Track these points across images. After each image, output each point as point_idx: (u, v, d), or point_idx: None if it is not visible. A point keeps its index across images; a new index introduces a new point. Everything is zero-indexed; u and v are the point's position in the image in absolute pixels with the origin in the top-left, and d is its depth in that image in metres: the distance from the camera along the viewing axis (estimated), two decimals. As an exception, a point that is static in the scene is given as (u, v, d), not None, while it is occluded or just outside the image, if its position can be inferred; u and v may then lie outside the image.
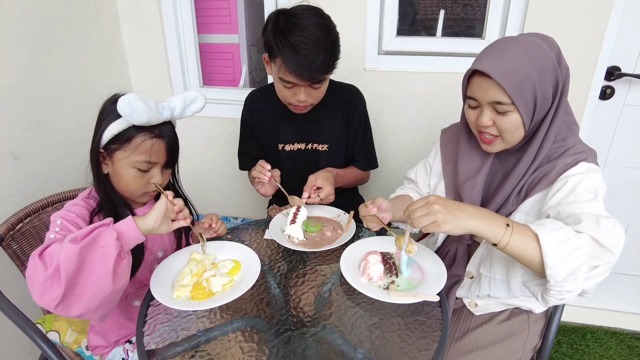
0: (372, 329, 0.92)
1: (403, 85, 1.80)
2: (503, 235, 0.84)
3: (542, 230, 0.82)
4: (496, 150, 1.03)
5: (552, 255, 0.79)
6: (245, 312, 0.98)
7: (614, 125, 1.75)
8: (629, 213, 1.87)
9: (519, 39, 0.95)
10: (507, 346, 1.10)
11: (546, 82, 0.93)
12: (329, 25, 1.23)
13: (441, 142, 1.27)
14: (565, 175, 0.94)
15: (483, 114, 0.98)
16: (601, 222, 0.83)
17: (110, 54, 1.89)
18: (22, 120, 1.45)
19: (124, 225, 0.90)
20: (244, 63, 3.02)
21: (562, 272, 0.79)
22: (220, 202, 2.24)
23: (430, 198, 0.88)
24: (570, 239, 0.80)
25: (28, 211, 1.24)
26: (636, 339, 1.92)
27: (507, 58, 0.92)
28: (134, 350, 1.17)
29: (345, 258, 1.08)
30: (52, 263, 0.81)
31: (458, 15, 2.18)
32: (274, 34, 1.20)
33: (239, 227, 1.34)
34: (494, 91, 0.93)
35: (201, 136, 2.10)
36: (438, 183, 1.24)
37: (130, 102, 0.93)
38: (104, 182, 1.05)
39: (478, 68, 0.94)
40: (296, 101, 1.30)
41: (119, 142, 1.00)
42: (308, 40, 1.17)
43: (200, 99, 1.11)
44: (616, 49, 1.61)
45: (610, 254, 0.81)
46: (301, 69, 1.18)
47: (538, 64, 0.91)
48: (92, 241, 0.83)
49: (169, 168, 1.11)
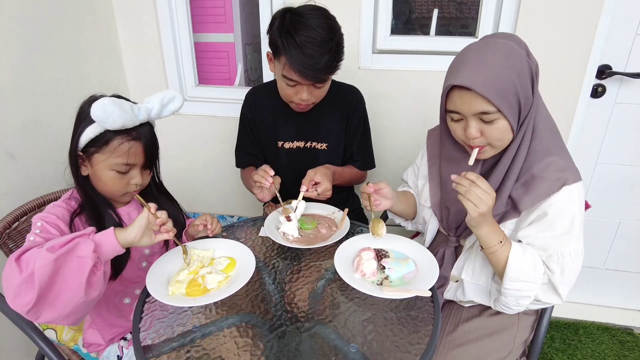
0: (365, 323, 0.94)
1: (397, 84, 1.81)
2: (493, 247, 0.97)
3: (513, 259, 0.96)
4: (487, 156, 1.03)
5: (510, 285, 0.98)
6: (240, 308, 0.99)
7: (606, 123, 1.77)
8: (619, 210, 1.89)
9: (491, 44, 0.94)
10: (497, 340, 1.12)
11: (526, 82, 0.93)
12: (334, 26, 1.24)
13: (427, 144, 1.27)
14: (546, 205, 0.96)
15: (470, 126, 0.96)
16: (565, 272, 0.97)
17: (106, 52, 1.89)
18: (18, 119, 1.45)
19: (104, 237, 0.89)
20: (239, 62, 3.02)
21: (512, 294, 0.99)
22: (216, 201, 2.25)
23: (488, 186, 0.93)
24: (532, 275, 0.97)
25: (24, 210, 1.25)
26: (628, 334, 1.94)
27: (486, 67, 0.90)
28: (129, 347, 1.18)
29: (339, 254, 1.09)
30: (27, 268, 0.81)
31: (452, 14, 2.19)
32: (280, 32, 1.21)
33: (234, 225, 1.35)
34: (478, 103, 0.92)
35: (196, 135, 2.10)
36: (424, 185, 1.25)
37: (104, 107, 0.92)
38: (83, 184, 1.06)
39: (458, 83, 0.92)
40: (298, 99, 1.31)
41: (96, 146, 1.00)
42: (313, 41, 1.18)
43: (178, 98, 1.09)
44: (607, 47, 1.63)
45: (559, 300, 1.00)
46: (305, 69, 1.19)
47: (516, 66, 0.91)
48: (69, 251, 0.83)
49: (147, 169, 1.11)
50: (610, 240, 1.96)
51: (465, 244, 1.12)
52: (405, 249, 1.13)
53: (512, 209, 1.03)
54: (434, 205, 1.20)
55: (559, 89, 1.66)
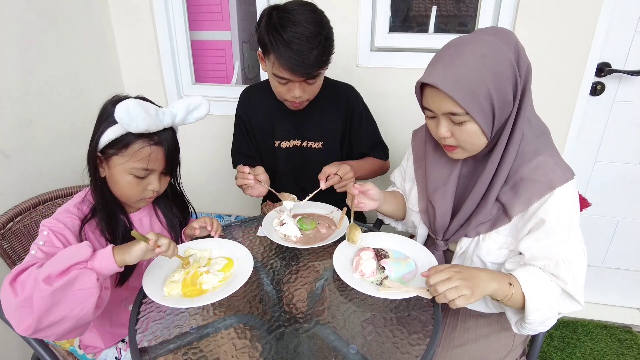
0: (365, 324, 0.93)
1: (395, 81, 1.80)
2: (507, 294, 0.92)
3: (528, 290, 0.91)
4: (459, 157, 1.00)
5: (534, 314, 0.93)
6: (238, 309, 0.98)
7: (605, 121, 1.77)
8: (618, 208, 1.89)
9: (472, 40, 0.89)
10: (496, 339, 1.11)
11: (504, 85, 0.87)
12: (322, 20, 1.23)
13: (412, 145, 1.24)
14: (542, 212, 0.92)
15: (440, 125, 0.94)
16: (576, 278, 0.92)
17: (102, 51, 1.88)
18: (12, 118, 1.44)
19: (103, 263, 0.85)
20: (236, 60, 3.00)
21: (538, 321, 0.94)
22: (213, 200, 2.24)
23: (446, 274, 0.88)
24: (550, 295, 0.93)
25: (19, 210, 1.23)
26: (626, 332, 1.94)
27: (459, 65, 0.86)
28: (127, 349, 1.17)
29: (338, 254, 1.08)
30: (22, 293, 0.80)
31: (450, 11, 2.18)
32: (267, 30, 1.20)
33: (231, 225, 1.34)
34: (446, 103, 0.89)
35: (193, 133, 2.08)
36: (412, 188, 1.21)
37: (128, 109, 0.89)
38: (101, 185, 1.03)
39: (427, 81, 0.89)
40: (291, 97, 1.30)
41: (116, 148, 0.97)
42: (301, 36, 1.17)
43: (204, 105, 1.08)
44: (606, 45, 1.62)
45: (578, 306, 0.95)
46: (295, 65, 1.18)
47: (493, 67, 0.86)
48: (68, 284, 0.80)
49: (167, 175, 1.09)
50: (609, 238, 1.96)
51: (457, 250, 1.09)
52: (405, 249, 1.12)
53: (502, 214, 0.99)
54: (422, 210, 1.16)
55: (558, 86, 1.65)
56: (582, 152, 1.82)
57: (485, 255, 1.02)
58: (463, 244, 1.06)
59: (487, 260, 1.02)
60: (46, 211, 1.30)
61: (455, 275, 0.88)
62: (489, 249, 1.01)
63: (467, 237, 1.05)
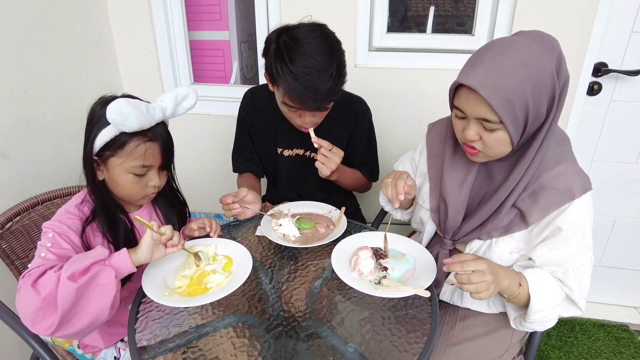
0: (363, 323, 0.93)
1: (394, 81, 1.81)
2: (514, 292, 0.95)
3: (535, 291, 0.94)
4: (480, 160, 1.00)
5: (536, 315, 0.96)
6: (237, 308, 0.98)
7: (602, 120, 1.78)
8: (615, 207, 1.90)
9: (517, 45, 0.85)
10: (494, 338, 1.11)
11: (541, 98, 0.85)
12: (333, 47, 1.16)
13: (427, 140, 1.21)
14: (560, 221, 0.92)
15: (469, 128, 0.91)
16: (582, 286, 0.96)
17: (100, 50, 1.87)
18: (10, 118, 1.43)
19: (121, 262, 0.90)
20: (234, 60, 3.01)
21: (539, 321, 0.98)
22: (211, 200, 2.23)
23: (481, 265, 0.87)
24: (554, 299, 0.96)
25: (17, 210, 1.23)
26: (623, 331, 1.95)
27: (500, 71, 0.83)
28: (126, 348, 1.17)
29: (336, 253, 1.08)
30: (44, 292, 0.82)
31: (448, 11, 2.19)
32: (276, 59, 1.13)
33: (230, 224, 1.34)
34: (481, 108, 0.86)
35: (191, 133, 2.09)
36: (423, 183, 1.20)
37: (120, 109, 0.89)
38: (100, 188, 1.03)
39: (466, 83, 0.86)
40: (302, 122, 1.25)
41: (112, 149, 0.97)
42: (311, 70, 1.10)
43: (192, 95, 1.06)
44: (603, 45, 1.63)
45: (578, 312, 0.99)
46: (305, 99, 1.13)
47: (534, 79, 0.83)
48: (90, 279, 0.84)
49: (165, 169, 1.09)
50: (606, 237, 1.97)
51: (466, 251, 1.08)
52: (402, 247, 1.12)
53: (519, 220, 0.99)
54: (433, 208, 1.16)
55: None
56: (579, 152, 1.81)
57: (497, 259, 1.03)
58: (474, 245, 1.06)
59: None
60: (45, 211, 1.30)
61: (488, 268, 0.88)
62: (500, 253, 1.02)
63: (480, 239, 1.05)
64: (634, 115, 1.74)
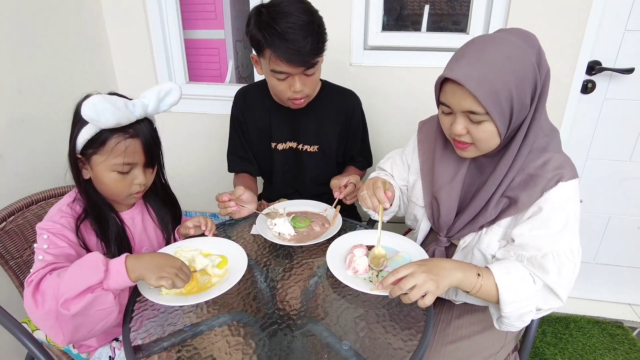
0: (358, 320, 0.94)
1: (389, 80, 1.81)
2: (475, 284, 0.91)
3: (502, 282, 0.91)
4: (470, 156, 1.01)
5: (508, 307, 0.92)
6: (231, 306, 0.99)
7: (596, 118, 1.79)
8: (609, 205, 1.91)
9: (498, 39, 0.88)
10: (489, 335, 1.12)
11: (525, 89, 0.88)
12: (311, 8, 1.24)
13: (419, 138, 1.22)
14: (542, 201, 0.92)
15: (456, 122, 0.93)
16: (562, 272, 0.91)
17: (94, 49, 1.87)
18: (5, 118, 1.43)
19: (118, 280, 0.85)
20: (230, 59, 3.00)
21: (514, 315, 0.93)
22: (207, 199, 2.23)
23: (409, 269, 0.87)
24: (526, 289, 0.92)
25: (12, 209, 1.23)
26: (617, 327, 1.96)
27: (484, 64, 0.85)
28: (121, 348, 1.17)
29: (331, 251, 1.08)
30: (43, 306, 0.83)
31: (443, 10, 2.19)
32: (259, 26, 1.19)
33: (225, 223, 1.34)
34: (467, 101, 0.88)
35: (187, 132, 2.09)
36: (416, 181, 1.20)
37: (94, 105, 0.88)
38: (86, 187, 1.03)
39: (451, 76, 0.88)
40: (292, 93, 1.28)
41: (93, 147, 0.97)
42: (294, 25, 1.17)
43: (175, 91, 1.04)
44: (597, 43, 1.64)
45: (559, 302, 0.94)
46: (292, 55, 1.18)
47: (517, 71, 0.85)
48: (88, 306, 0.82)
49: (150, 167, 1.08)
50: (600, 234, 1.98)
51: (460, 244, 1.09)
52: (396, 245, 1.13)
53: (507, 207, 0.99)
54: (426, 205, 1.16)
55: (550, 84, 1.66)
56: (574, 150, 1.84)
57: (485, 247, 1.02)
58: (467, 238, 1.07)
59: (488, 253, 1.02)
60: (39, 211, 1.30)
61: (418, 269, 0.87)
62: (489, 242, 1.02)
63: (474, 233, 1.06)
64: (627, 113, 1.75)
